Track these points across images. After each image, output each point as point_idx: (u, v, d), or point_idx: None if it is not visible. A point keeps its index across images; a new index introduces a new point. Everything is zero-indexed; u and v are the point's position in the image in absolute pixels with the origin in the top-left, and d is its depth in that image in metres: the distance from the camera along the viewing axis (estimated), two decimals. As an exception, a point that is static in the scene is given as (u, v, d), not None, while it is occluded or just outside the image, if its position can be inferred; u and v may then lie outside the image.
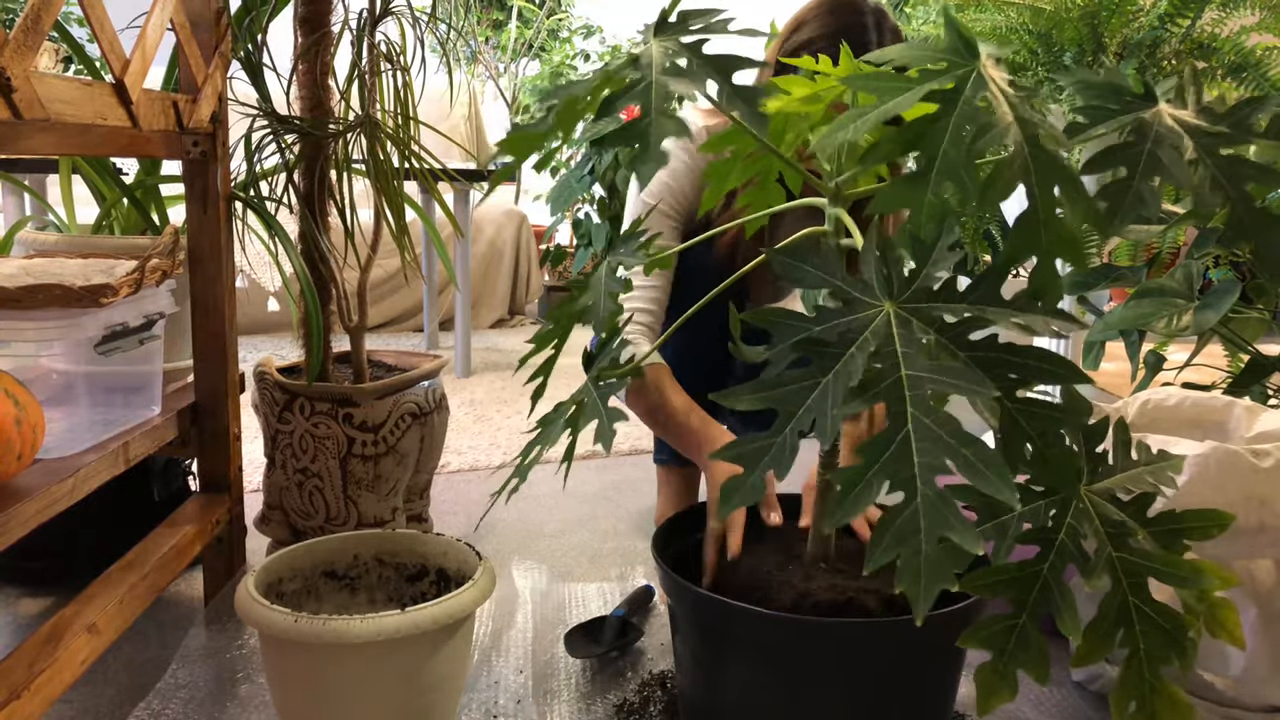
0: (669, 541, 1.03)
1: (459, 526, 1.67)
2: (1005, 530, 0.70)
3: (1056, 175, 0.62)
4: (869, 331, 0.65)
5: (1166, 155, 0.67)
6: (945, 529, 0.57)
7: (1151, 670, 0.68)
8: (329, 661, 0.91)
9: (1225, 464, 0.98)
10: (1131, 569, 0.69)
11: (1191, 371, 1.60)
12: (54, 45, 1.91)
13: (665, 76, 0.67)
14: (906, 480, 0.59)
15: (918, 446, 0.59)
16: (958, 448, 0.59)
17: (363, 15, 1.33)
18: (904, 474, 0.59)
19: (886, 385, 0.62)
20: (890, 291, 0.68)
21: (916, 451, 0.59)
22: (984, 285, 0.66)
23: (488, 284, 3.77)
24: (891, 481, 0.59)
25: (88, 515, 1.13)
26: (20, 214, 2.45)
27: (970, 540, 0.57)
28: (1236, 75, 1.67)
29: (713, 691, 0.93)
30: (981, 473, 0.58)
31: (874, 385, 0.62)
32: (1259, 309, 1.49)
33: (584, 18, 4.27)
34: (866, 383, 0.63)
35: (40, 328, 1.01)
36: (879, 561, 0.58)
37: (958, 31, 0.67)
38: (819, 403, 0.63)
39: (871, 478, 0.59)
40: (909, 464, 0.59)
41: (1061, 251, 0.62)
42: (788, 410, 0.63)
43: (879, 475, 0.59)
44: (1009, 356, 0.65)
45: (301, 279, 1.33)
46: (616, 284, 0.83)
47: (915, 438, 0.60)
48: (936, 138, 0.63)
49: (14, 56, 0.81)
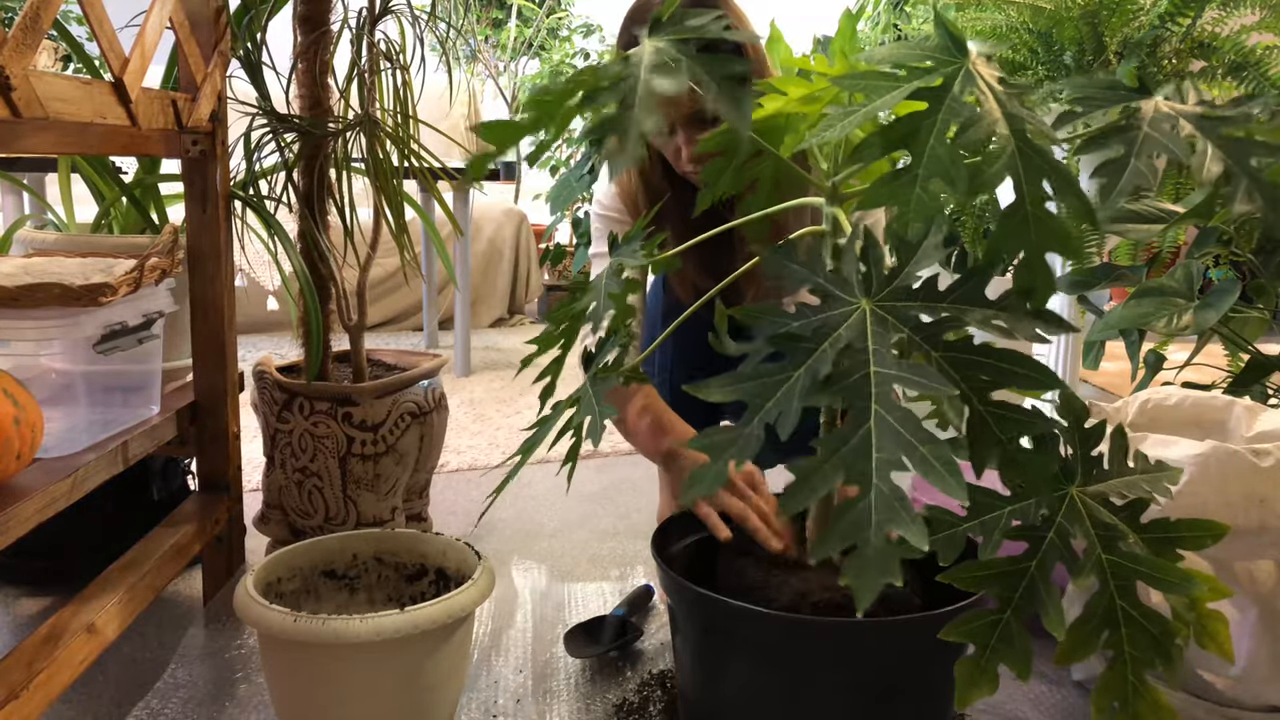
0: (669, 541, 1.03)
1: (458, 526, 1.67)
2: (994, 526, 0.70)
3: (1045, 168, 0.62)
4: (843, 328, 0.66)
5: (1162, 133, 0.67)
6: (895, 524, 0.57)
7: (1135, 673, 0.68)
8: (328, 661, 0.91)
9: (1225, 463, 0.98)
10: (1120, 571, 0.69)
11: (1191, 371, 1.60)
12: (53, 44, 1.91)
13: (651, 74, 0.67)
14: (862, 475, 0.59)
15: (878, 443, 0.60)
16: (915, 445, 0.59)
17: (362, 14, 1.33)
18: (861, 468, 0.59)
19: (853, 381, 0.63)
20: (869, 289, 0.68)
21: (876, 448, 0.60)
22: (966, 284, 0.66)
23: (487, 283, 3.77)
24: (848, 475, 0.59)
25: (87, 515, 1.13)
26: (19, 213, 2.45)
27: (918, 536, 0.57)
28: (1236, 74, 1.67)
29: (712, 691, 0.93)
30: (936, 470, 0.58)
31: (840, 380, 0.63)
32: (1259, 308, 1.49)
33: (584, 16, 4.27)
34: (833, 378, 0.63)
35: (39, 327, 1.01)
36: (824, 552, 0.58)
37: (947, 30, 0.67)
38: (786, 396, 0.63)
39: (828, 469, 0.60)
40: (867, 459, 0.59)
41: (1052, 245, 0.62)
42: (755, 402, 0.64)
43: (835, 467, 0.60)
44: (983, 359, 0.65)
45: (301, 278, 1.33)
46: (617, 285, 0.83)
47: (876, 434, 0.60)
48: (924, 134, 0.63)
49: (13, 55, 0.81)
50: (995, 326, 0.66)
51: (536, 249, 3.91)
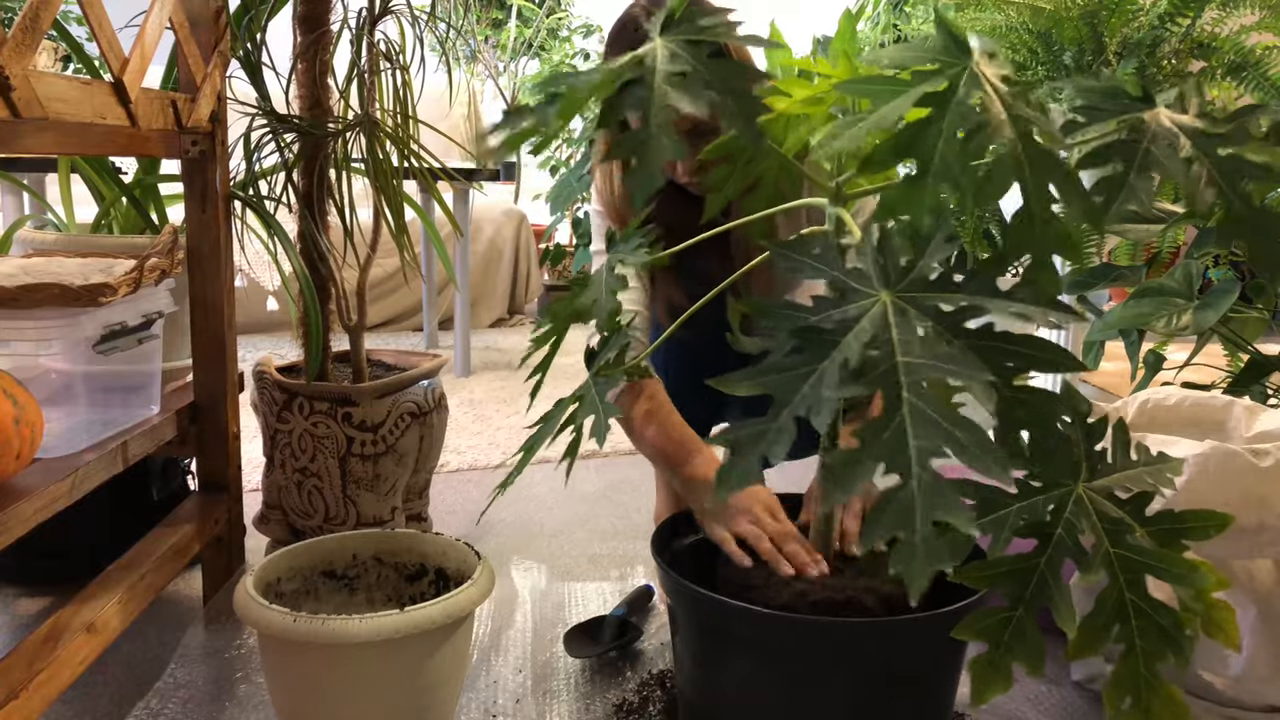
0: (668, 541, 1.03)
1: (458, 526, 1.67)
2: (1002, 523, 0.70)
3: (1051, 171, 0.62)
4: (866, 319, 0.66)
5: (1162, 152, 0.67)
6: (941, 512, 0.57)
7: (1147, 666, 0.68)
8: (328, 661, 0.91)
9: (1225, 463, 0.98)
10: (1129, 565, 0.69)
11: (1191, 371, 1.60)
12: (53, 44, 1.91)
13: (667, 86, 0.67)
14: (902, 464, 0.59)
15: (913, 430, 0.60)
16: (953, 431, 0.59)
17: (362, 14, 1.33)
18: (900, 457, 0.59)
19: (882, 371, 0.63)
20: (887, 281, 0.68)
21: (912, 435, 0.60)
22: (980, 277, 0.67)
23: (487, 283, 3.76)
24: (887, 465, 0.60)
25: (87, 515, 1.13)
26: (19, 213, 2.45)
27: (965, 523, 0.57)
28: (1236, 75, 1.67)
29: (712, 691, 0.93)
30: (976, 455, 0.58)
31: (870, 371, 0.63)
32: (1259, 309, 1.49)
33: (584, 17, 4.26)
34: (862, 369, 0.63)
35: (39, 327, 1.01)
36: (873, 541, 0.58)
37: (949, 31, 0.67)
38: (814, 388, 0.63)
39: (866, 459, 0.60)
40: (904, 448, 0.59)
41: (1057, 248, 0.62)
42: (783, 396, 0.64)
43: (873, 457, 0.60)
44: (1005, 345, 0.65)
45: (301, 278, 1.33)
46: (616, 281, 0.83)
47: (910, 422, 0.60)
48: (931, 141, 0.63)
49: (12, 55, 0.81)
50: (1014, 314, 0.66)
51: (536, 249, 3.91)
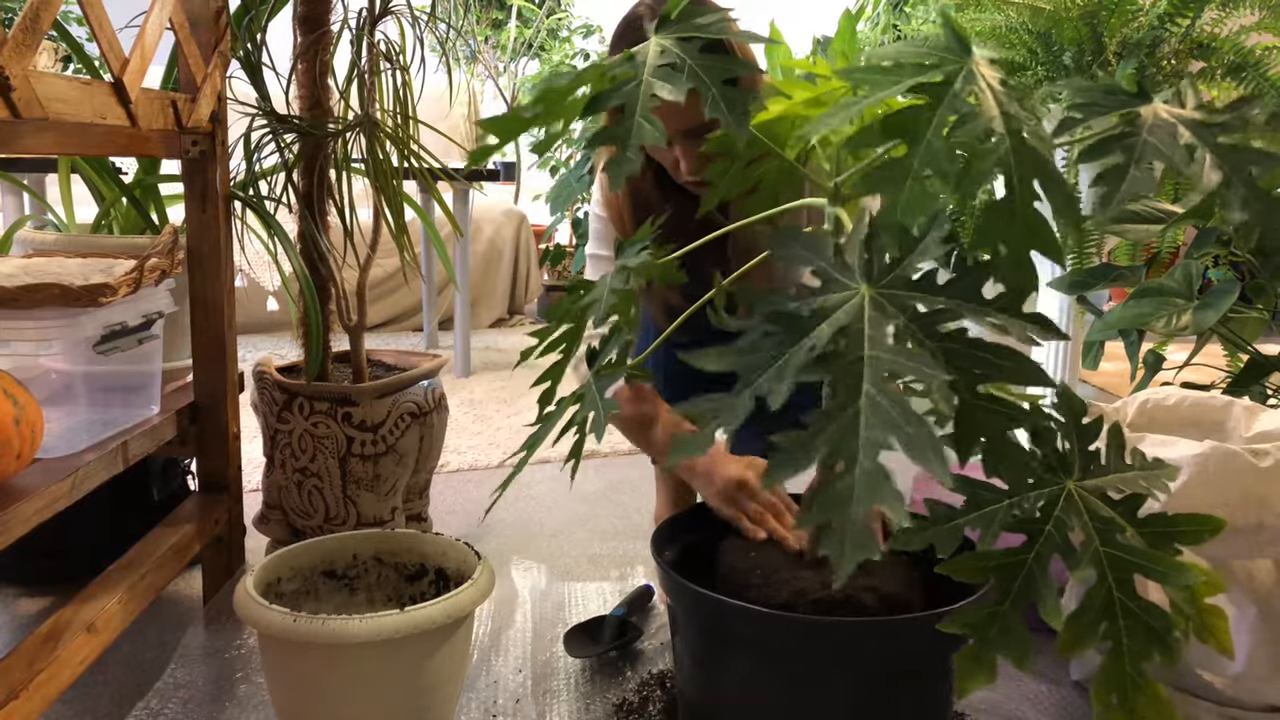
0: (668, 541, 1.03)
1: (458, 526, 1.67)
2: (991, 519, 0.71)
3: (1038, 169, 0.63)
4: (841, 310, 0.66)
5: (1162, 141, 0.67)
6: (878, 500, 0.58)
7: (1133, 665, 0.69)
8: (328, 661, 0.91)
9: (1224, 464, 0.98)
10: (1118, 564, 0.70)
11: (1191, 371, 1.60)
12: (53, 44, 1.91)
13: (654, 78, 0.67)
14: (849, 453, 0.60)
15: (866, 422, 0.60)
16: (903, 426, 0.60)
17: (362, 14, 1.33)
18: (848, 445, 0.60)
19: (847, 361, 0.63)
20: (870, 276, 0.69)
21: (865, 426, 0.60)
22: (963, 280, 0.67)
23: (487, 283, 3.76)
24: (833, 451, 0.60)
25: (87, 515, 1.13)
26: (19, 213, 2.45)
27: (900, 514, 0.58)
28: (1236, 75, 1.67)
29: (712, 690, 0.93)
30: (922, 451, 0.59)
31: (836, 360, 0.63)
32: (1258, 309, 1.49)
33: (583, 17, 4.26)
34: (828, 356, 0.64)
35: (39, 327, 1.01)
36: (808, 523, 0.59)
37: (953, 31, 0.67)
38: (778, 370, 0.64)
39: (816, 444, 0.60)
40: (854, 437, 0.60)
41: (1036, 244, 0.63)
42: (746, 374, 0.64)
43: (822, 442, 0.60)
44: (976, 351, 0.66)
45: (301, 278, 1.33)
46: (622, 283, 0.83)
47: (865, 414, 0.61)
48: (922, 127, 0.64)
49: (13, 55, 0.81)
50: (990, 323, 0.66)
51: (536, 249, 3.91)
